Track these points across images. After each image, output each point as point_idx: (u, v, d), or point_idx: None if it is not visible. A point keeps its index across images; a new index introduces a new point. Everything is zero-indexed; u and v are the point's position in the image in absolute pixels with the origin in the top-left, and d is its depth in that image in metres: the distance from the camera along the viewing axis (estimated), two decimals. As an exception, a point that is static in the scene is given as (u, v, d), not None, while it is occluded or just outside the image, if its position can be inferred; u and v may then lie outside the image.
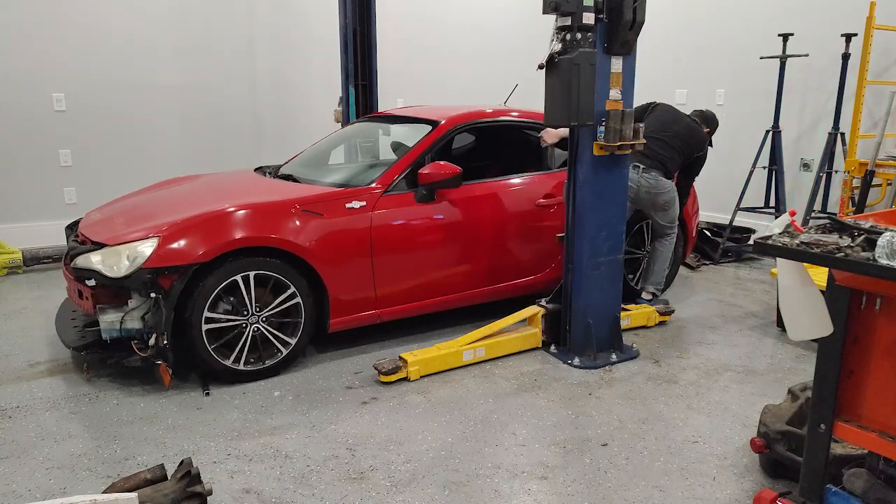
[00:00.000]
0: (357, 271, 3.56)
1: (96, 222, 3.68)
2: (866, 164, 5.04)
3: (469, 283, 3.98)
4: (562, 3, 3.14)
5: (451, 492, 2.46)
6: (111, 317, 3.16)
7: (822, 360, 1.87)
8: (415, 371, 3.38)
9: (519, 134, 4.79)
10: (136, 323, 3.16)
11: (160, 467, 2.25)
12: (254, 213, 3.34)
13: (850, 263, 1.60)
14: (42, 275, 5.26)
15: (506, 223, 4.02)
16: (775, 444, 2.42)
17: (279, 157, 6.62)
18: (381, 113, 4.89)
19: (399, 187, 3.76)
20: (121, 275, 3.09)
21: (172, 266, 3.10)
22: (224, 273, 3.20)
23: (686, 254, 4.89)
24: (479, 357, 3.59)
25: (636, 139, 3.46)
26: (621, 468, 2.62)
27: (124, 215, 3.67)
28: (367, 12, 5.43)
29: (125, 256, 3.13)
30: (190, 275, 3.14)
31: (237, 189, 3.88)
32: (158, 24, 6.03)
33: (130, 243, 3.17)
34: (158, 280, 3.08)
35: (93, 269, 3.15)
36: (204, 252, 3.14)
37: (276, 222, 3.34)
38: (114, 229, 3.42)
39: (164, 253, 3.11)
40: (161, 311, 3.09)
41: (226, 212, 3.30)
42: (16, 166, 5.67)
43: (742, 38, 6.37)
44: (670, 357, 3.71)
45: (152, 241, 3.15)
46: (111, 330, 3.16)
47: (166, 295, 3.10)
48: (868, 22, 4.93)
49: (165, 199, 3.85)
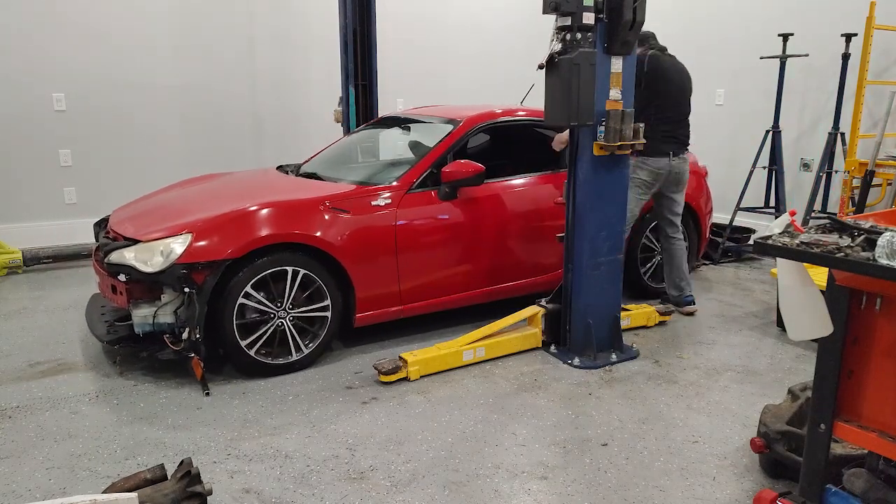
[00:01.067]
0: (382, 267, 3.63)
1: (127, 219, 3.75)
2: (866, 164, 5.04)
3: (490, 280, 4.05)
4: (562, 3, 3.14)
5: (451, 492, 2.46)
6: (144, 311, 3.24)
7: (822, 360, 1.86)
8: (415, 371, 3.38)
9: (536, 133, 4.83)
10: (168, 317, 3.24)
11: (160, 467, 2.24)
12: (284, 210, 3.42)
13: (850, 263, 1.60)
14: (42, 275, 5.25)
15: (526, 221, 4.09)
16: (775, 444, 2.42)
17: (279, 157, 6.63)
18: (398, 113, 4.94)
19: (422, 185, 3.82)
20: (155, 270, 3.16)
21: (206, 262, 3.16)
22: (255, 269, 3.27)
23: (700, 252, 4.92)
24: (479, 357, 3.59)
25: (636, 139, 3.46)
26: (621, 468, 2.62)
27: (155, 212, 3.74)
28: (367, 12, 5.43)
29: (159, 252, 3.20)
30: (223, 270, 3.20)
31: (265, 187, 3.98)
32: (158, 24, 6.03)
33: (164, 239, 3.25)
34: (192, 275, 3.14)
35: (127, 264, 3.22)
36: (236, 248, 3.21)
37: (306, 219, 3.43)
38: (146, 226, 3.49)
39: (198, 249, 3.18)
40: (194, 305, 3.15)
41: (257, 209, 3.37)
42: (16, 166, 5.67)
43: (742, 38, 6.37)
44: (670, 357, 3.71)
45: (185, 237, 3.22)
46: (144, 324, 3.24)
47: (199, 290, 3.16)
48: (868, 22, 4.93)
49: (194, 197, 3.93)
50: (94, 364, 3.56)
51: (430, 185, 3.84)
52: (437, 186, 3.84)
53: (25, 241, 5.59)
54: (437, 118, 4.35)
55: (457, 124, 4.08)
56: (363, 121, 5.56)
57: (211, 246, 3.19)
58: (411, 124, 4.64)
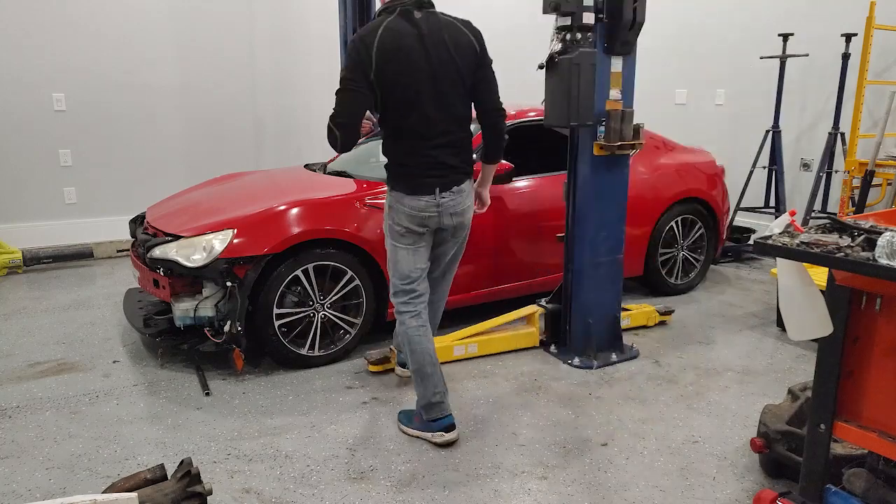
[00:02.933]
0: None
1: (165, 215, 3.84)
2: (866, 164, 5.03)
3: (514, 275, 4.13)
4: (562, 3, 3.14)
5: (451, 492, 2.46)
6: (186, 305, 3.31)
7: (822, 360, 1.86)
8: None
9: (553, 132, 4.84)
10: (209, 311, 3.32)
11: (160, 467, 2.24)
12: (322, 207, 3.53)
13: (850, 263, 1.60)
14: (42, 275, 5.26)
15: (549, 218, 4.14)
16: (775, 444, 2.42)
17: (279, 157, 6.64)
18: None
19: None
20: (198, 265, 3.23)
21: (247, 256, 3.23)
22: (294, 263, 3.35)
23: (717, 251, 5.00)
24: (471, 353, 3.62)
25: (636, 139, 3.46)
26: (621, 468, 2.62)
27: (193, 209, 3.84)
28: (367, 12, 5.43)
29: (201, 247, 3.27)
30: (263, 265, 3.28)
31: (298, 184, 4.07)
32: (158, 24, 6.03)
33: (206, 235, 3.33)
34: (233, 270, 3.22)
35: (170, 259, 3.29)
36: (277, 243, 3.29)
37: (342, 215, 3.51)
38: (187, 222, 3.57)
39: (239, 244, 3.26)
40: (236, 299, 3.22)
41: (296, 205, 3.46)
42: (16, 166, 5.67)
43: (742, 38, 6.37)
44: (670, 357, 3.71)
45: (227, 232, 3.30)
46: (185, 318, 3.32)
47: (241, 284, 3.23)
48: (868, 22, 4.92)
49: (231, 194, 4.04)
50: (94, 364, 3.56)
51: None
52: None
53: (25, 241, 5.59)
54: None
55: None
56: (363, 121, 5.56)
57: (251, 241, 3.28)
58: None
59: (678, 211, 4.64)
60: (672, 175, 4.65)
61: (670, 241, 4.70)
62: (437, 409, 2.77)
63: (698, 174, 4.79)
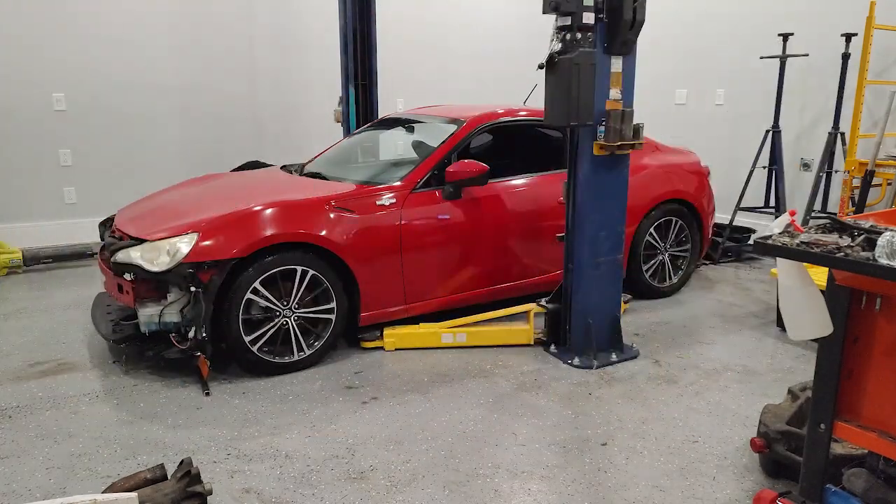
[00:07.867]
0: (387, 267, 3.65)
1: (133, 218, 3.75)
2: (866, 164, 5.03)
3: (494, 279, 4.09)
4: (562, 2, 3.14)
5: (451, 492, 2.46)
6: (150, 310, 3.24)
7: (822, 360, 1.86)
8: (390, 343, 3.62)
9: (539, 133, 4.84)
10: (174, 316, 3.25)
11: (160, 467, 2.25)
12: (290, 210, 3.44)
13: (850, 263, 1.60)
14: (42, 275, 5.25)
15: (529, 220, 4.11)
16: (775, 444, 2.42)
17: (279, 157, 6.62)
18: (401, 113, 4.95)
19: (426, 185, 3.84)
20: (161, 269, 3.16)
21: (212, 261, 3.16)
22: (261, 268, 3.27)
23: (702, 252, 4.94)
24: (459, 342, 3.70)
25: (636, 139, 3.46)
26: (621, 468, 2.62)
27: (160, 211, 3.74)
28: (367, 12, 5.43)
29: (165, 251, 3.20)
30: (228, 269, 3.21)
31: (270, 186, 3.99)
32: (158, 24, 6.03)
33: (170, 238, 3.25)
34: (198, 274, 3.15)
35: (133, 263, 3.22)
36: (242, 247, 3.21)
37: (311, 219, 3.44)
38: (152, 225, 3.49)
39: (204, 248, 3.18)
40: (201, 304, 3.16)
41: (263, 208, 3.39)
42: (16, 166, 5.68)
43: (742, 38, 6.37)
44: (670, 357, 3.71)
45: (192, 236, 3.22)
46: (150, 323, 3.25)
47: (206, 289, 3.16)
48: (868, 22, 4.92)
49: (199, 196, 3.93)
50: (95, 364, 3.56)
51: (434, 185, 3.85)
52: (442, 186, 3.85)
53: (25, 240, 5.59)
54: (440, 118, 4.36)
55: (460, 124, 4.09)
56: (363, 121, 5.56)
57: (217, 245, 3.20)
58: (415, 124, 4.65)
59: (662, 212, 4.56)
60: (656, 176, 4.56)
61: (654, 243, 4.62)
62: None
63: (683, 175, 4.71)
